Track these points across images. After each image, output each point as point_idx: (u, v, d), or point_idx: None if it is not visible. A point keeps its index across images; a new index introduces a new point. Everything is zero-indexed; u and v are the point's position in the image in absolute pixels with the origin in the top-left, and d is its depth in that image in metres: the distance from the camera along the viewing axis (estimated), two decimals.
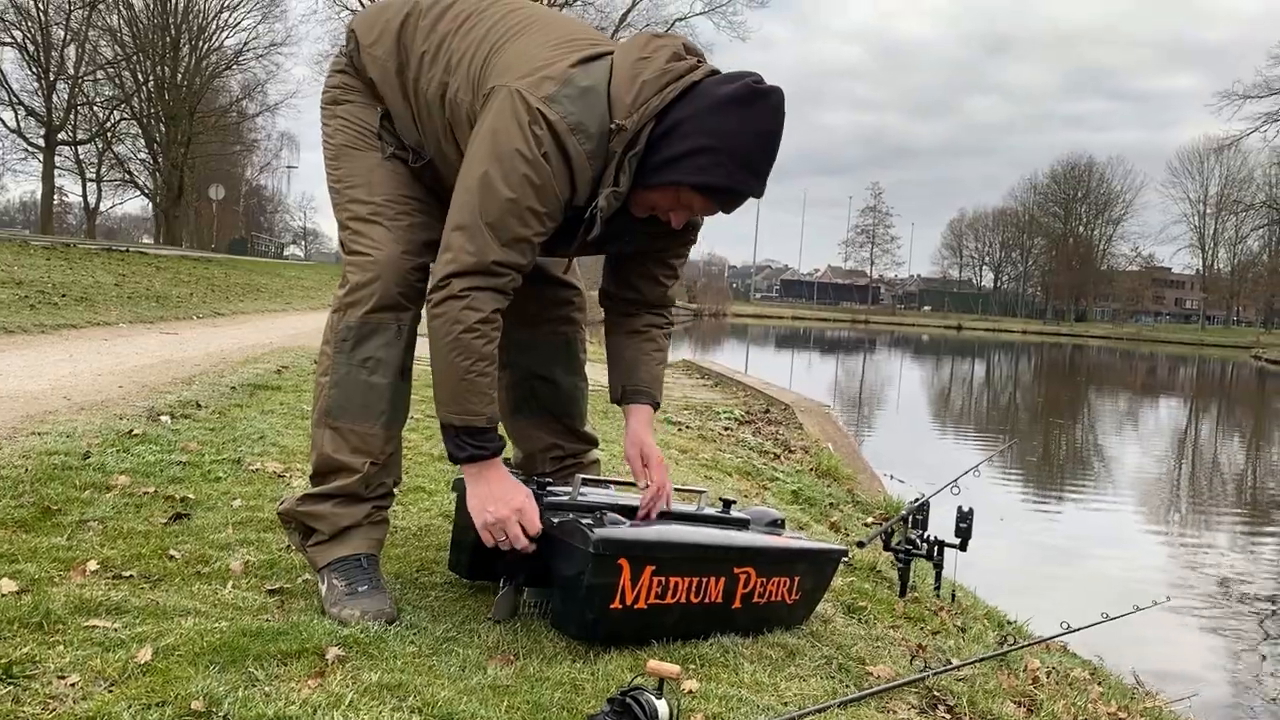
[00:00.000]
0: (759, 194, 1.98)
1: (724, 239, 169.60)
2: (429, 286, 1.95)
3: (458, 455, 1.96)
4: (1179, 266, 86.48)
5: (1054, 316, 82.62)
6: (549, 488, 2.13)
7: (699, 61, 1.95)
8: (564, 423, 2.51)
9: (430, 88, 2.05)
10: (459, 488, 2.27)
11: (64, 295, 10.47)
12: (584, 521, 1.96)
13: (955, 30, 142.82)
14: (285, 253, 51.77)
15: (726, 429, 6.11)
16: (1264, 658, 5.18)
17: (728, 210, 2.02)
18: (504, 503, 1.95)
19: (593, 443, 2.60)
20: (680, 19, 34.11)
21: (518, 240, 1.89)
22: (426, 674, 1.76)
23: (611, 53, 1.96)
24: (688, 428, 5.82)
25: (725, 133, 1.87)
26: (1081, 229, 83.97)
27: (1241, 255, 78.45)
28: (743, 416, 6.70)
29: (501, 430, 2.10)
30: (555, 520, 2.00)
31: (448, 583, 2.31)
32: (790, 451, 5.87)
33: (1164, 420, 21.04)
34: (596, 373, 2.74)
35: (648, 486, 2.21)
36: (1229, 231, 77.22)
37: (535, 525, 1.97)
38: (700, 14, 34.17)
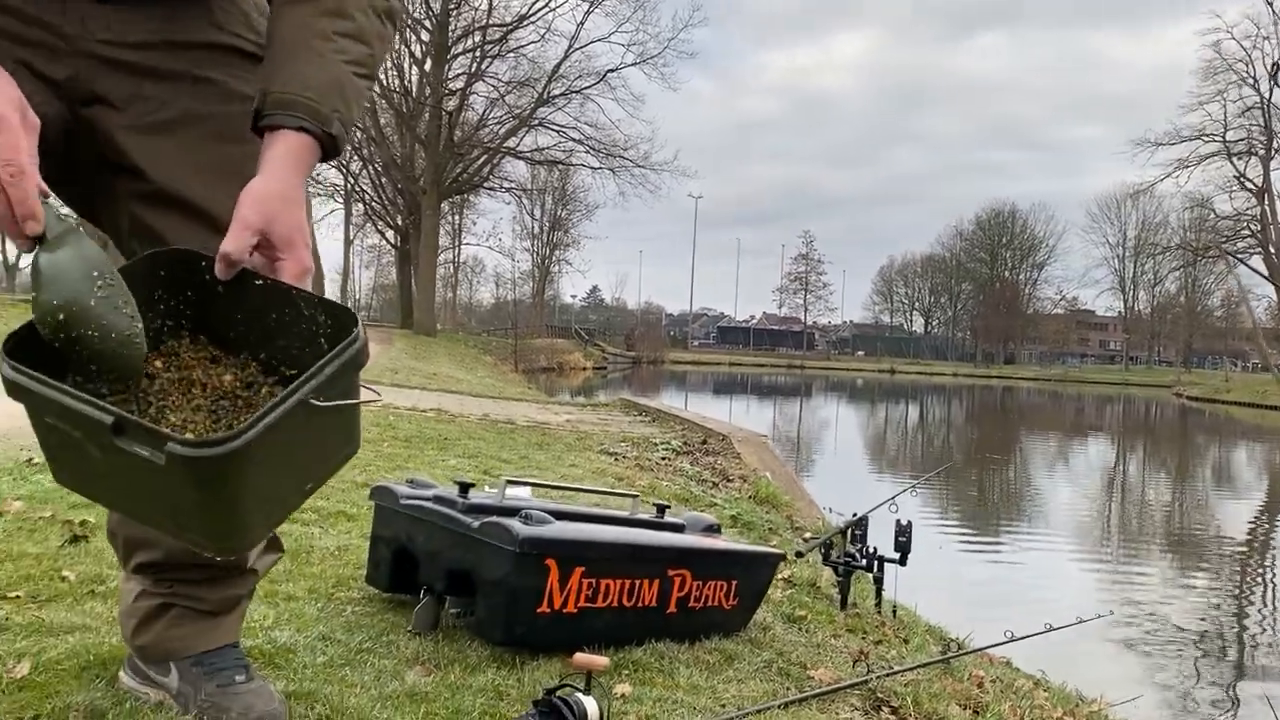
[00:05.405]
0: None
1: (660, 289, 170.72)
2: None
3: None
4: (1102, 309, 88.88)
5: (984, 359, 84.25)
6: (470, 490, 2.03)
7: None
8: None
9: None
10: (377, 497, 2.17)
11: None
12: (507, 520, 1.86)
13: (871, 84, 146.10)
14: None
15: (664, 458, 6.02)
16: (1199, 675, 5.20)
17: None
18: None
19: None
20: (612, 70, 34.23)
21: None
22: (338, 683, 1.63)
23: None
24: (624, 457, 5.72)
25: None
26: (1007, 274, 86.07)
27: (1160, 297, 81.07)
28: (680, 448, 6.62)
29: None
30: (476, 522, 1.89)
31: (366, 598, 2.18)
32: (728, 480, 5.79)
33: (1094, 457, 21.44)
34: (530, 410, 2.64)
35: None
36: (1148, 274, 79.86)
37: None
38: (632, 65, 34.28)
